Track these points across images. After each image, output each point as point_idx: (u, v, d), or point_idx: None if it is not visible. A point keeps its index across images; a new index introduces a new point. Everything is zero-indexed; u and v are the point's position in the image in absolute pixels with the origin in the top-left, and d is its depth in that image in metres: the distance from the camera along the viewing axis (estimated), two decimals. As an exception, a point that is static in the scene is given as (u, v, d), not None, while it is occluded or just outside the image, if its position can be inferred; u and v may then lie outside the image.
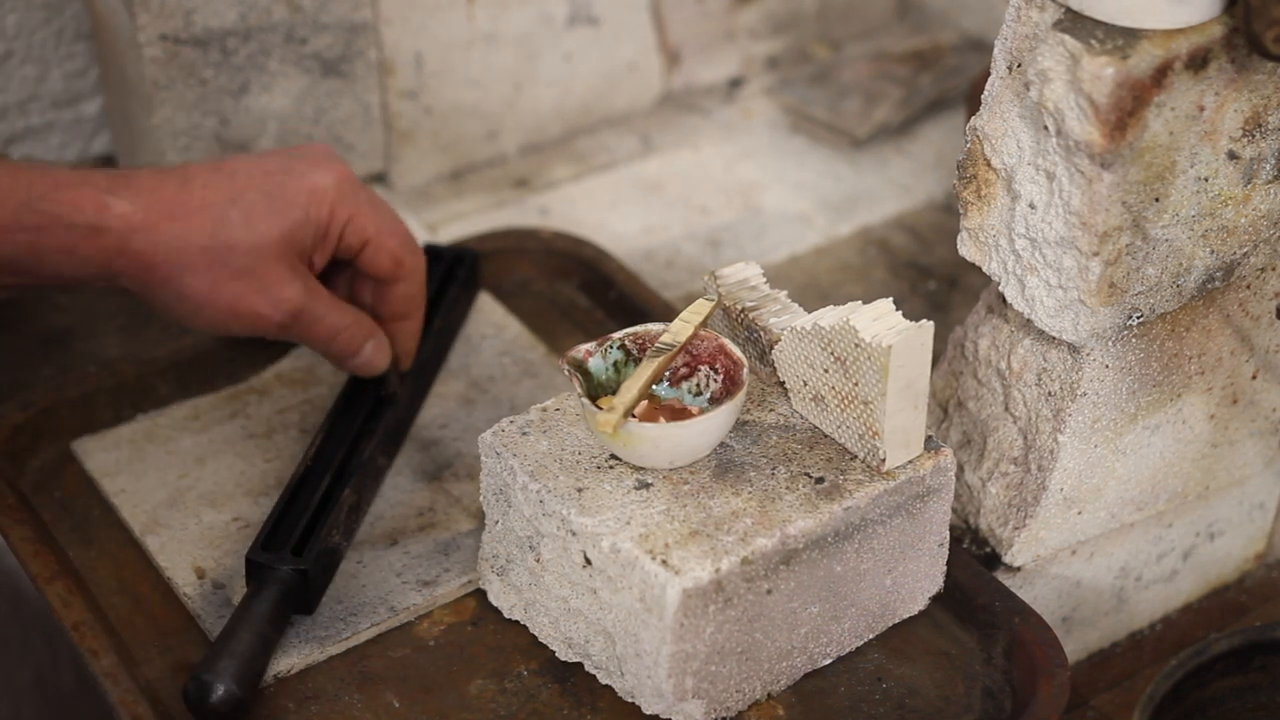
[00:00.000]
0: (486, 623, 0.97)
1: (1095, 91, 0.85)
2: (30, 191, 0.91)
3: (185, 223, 0.93)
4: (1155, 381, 0.98)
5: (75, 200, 0.91)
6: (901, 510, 0.93)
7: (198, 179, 0.95)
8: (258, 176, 0.96)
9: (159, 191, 0.93)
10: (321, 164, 0.98)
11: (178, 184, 0.94)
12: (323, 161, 0.99)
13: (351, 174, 1.00)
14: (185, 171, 0.95)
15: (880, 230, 1.35)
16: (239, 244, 0.95)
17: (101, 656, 0.92)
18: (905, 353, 0.89)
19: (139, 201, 0.92)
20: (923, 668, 0.95)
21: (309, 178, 0.97)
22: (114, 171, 0.95)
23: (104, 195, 0.92)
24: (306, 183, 0.97)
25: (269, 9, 1.24)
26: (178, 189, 0.94)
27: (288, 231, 0.96)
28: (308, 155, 0.99)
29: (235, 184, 0.95)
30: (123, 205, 0.92)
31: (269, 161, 0.98)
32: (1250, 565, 1.13)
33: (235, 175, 0.96)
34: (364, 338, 1.02)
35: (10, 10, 1.30)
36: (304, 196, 0.96)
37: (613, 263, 1.20)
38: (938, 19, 1.56)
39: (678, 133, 1.44)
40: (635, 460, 0.91)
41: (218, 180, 0.95)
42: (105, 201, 0.91)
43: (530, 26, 1.37)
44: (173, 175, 0.95)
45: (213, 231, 0.94)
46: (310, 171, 0.98)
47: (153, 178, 0.94)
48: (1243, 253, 0.95)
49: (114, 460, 1.06)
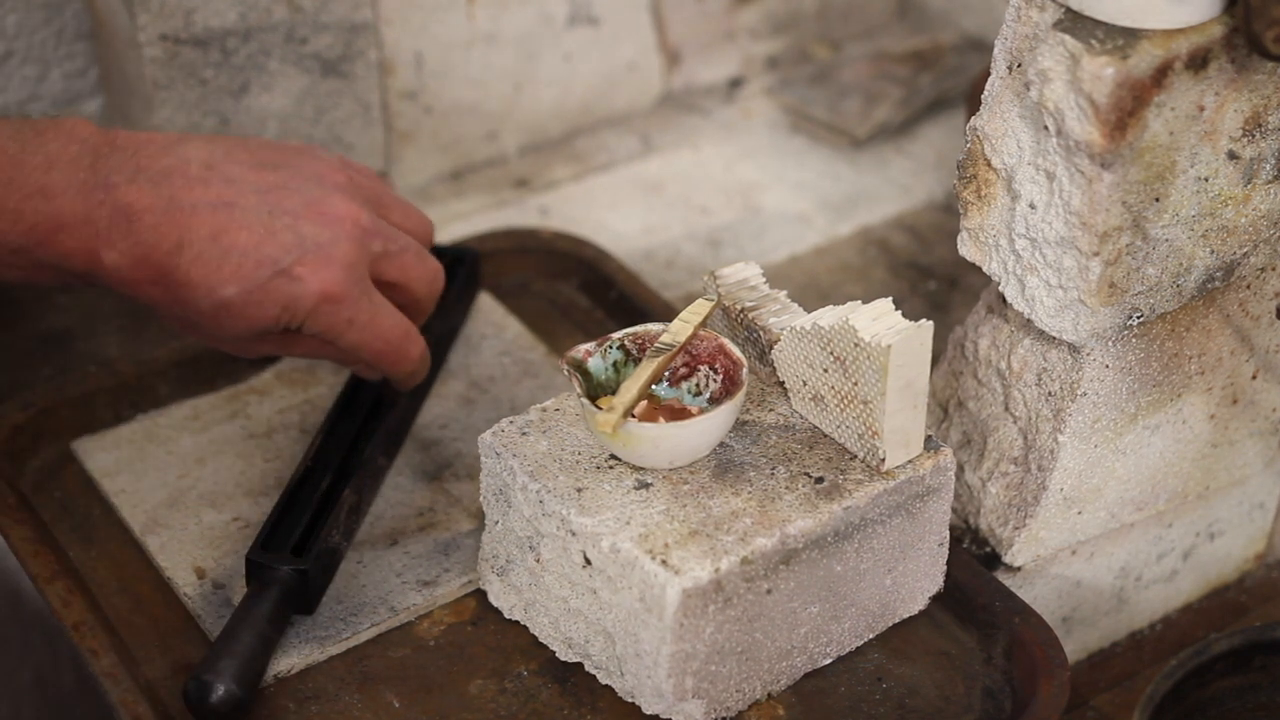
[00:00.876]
0: (486, 623, 0.97)
1: (1095, 91, 0.85)
2: (29, 237, 0.92)
3: (164, 292, 0.94)
4: (1155, 381, 0.98)
5: (70, 250, 0.93)
6: (901, 510, 0.93)
7: (192, 247, 0.93)
8: (248, 267, 0.93)
9: (152, 251, 0.93)
10: (317, 271, 0.94)
11: (172, 246, 0.93)
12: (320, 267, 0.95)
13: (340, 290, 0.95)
14: (185, 230, 0.93)
15: (880, 230, 1.35)
16: (204, 328, 0.96)
17: (101, 656, 0.92)
18: (905, 352, 0.89)
19: (129, 257, 0.93)
20: (923, 668, 0.95)
21: (291, 289, 0.94)
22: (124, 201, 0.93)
23: (100, 247, 0.93)
24: (286, 295, 0.94)
25: (269, 9, 1.24)
26: (169, 253, 0.93)
27: (254, 331, 0.96)
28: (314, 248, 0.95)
29: (222, 271, 0.93)
30: (113, 258, 0.93)
31: (270, 245, 0.94)
32: (1250, 565, 1.13)
33: (227, 258, 0.93)
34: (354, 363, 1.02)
35: (10, 10, 1.30)
36: (278, 310, 0.94)
37: (613, 263, 1.20)
38: (938, 19, 1.56)
39: (678, 133, 1.44)
40: (635, 460, 0.91)
41: (208, 258, 0.93)
42: (99, 255, 0.93)
43: (530, 26, 1.37)
44: (173, 229, 0.93)
45: (184, 310, 0.95)
46: (299, 281, 0.94)
47: (154, 229, 0.93)
48: (1243, 253, 0.95)
49: (114, 460, 1.06)
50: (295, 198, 0.96)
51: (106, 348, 1.21)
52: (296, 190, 0.96)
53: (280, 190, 0.96)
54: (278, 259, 0.94)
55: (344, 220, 0.96)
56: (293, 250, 0.94)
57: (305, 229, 0.95)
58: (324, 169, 0.99)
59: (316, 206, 0.96)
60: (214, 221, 0.94)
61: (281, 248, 0.94)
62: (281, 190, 0.96)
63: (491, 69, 1.36)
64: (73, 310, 1.24)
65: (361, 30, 1.28)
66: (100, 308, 1.24)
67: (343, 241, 0.96)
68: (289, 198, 0.96)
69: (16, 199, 0.91)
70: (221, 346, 1.00)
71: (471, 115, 1.37)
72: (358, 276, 0.96)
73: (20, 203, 0.91)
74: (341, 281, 0.95)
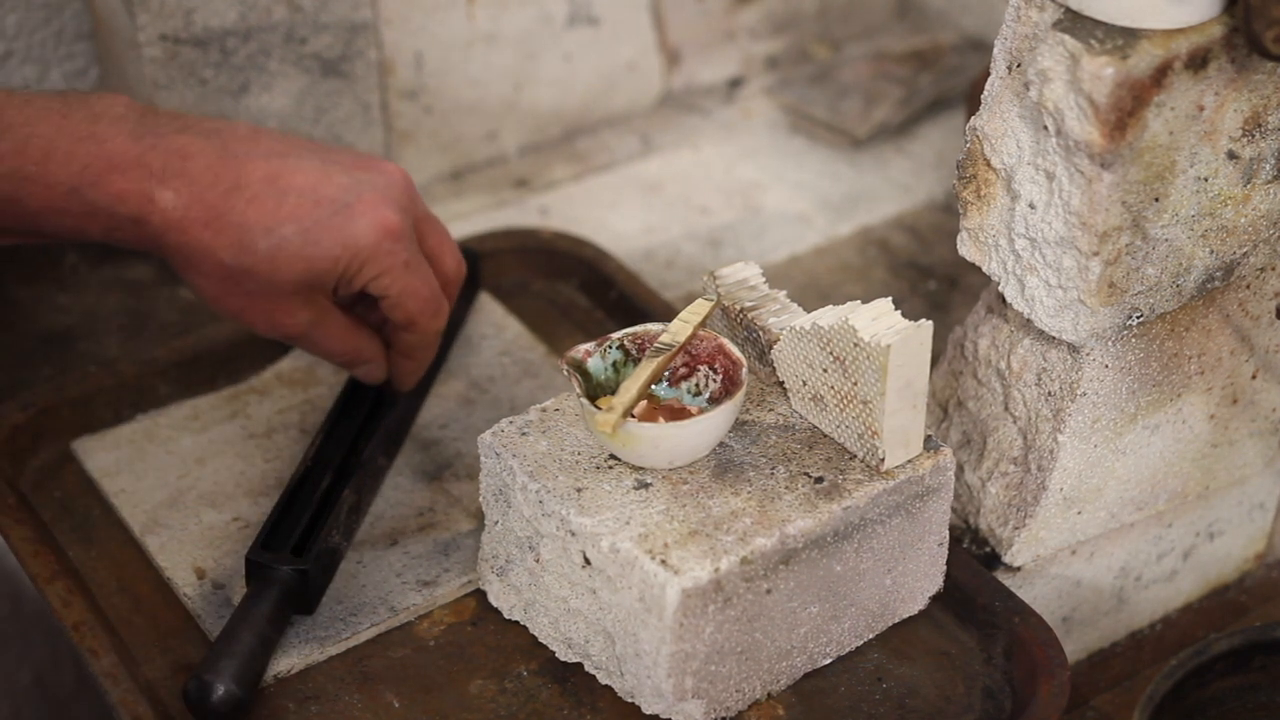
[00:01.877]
0: (486, 623, 0.97)
1: (1095, 91, 0.85)
2: (82, 177, 0.90)
3: (217, 236, 0.93)
4: (1155, 381, 0.98)
5: (123, 191, 0.91)
6: (901, 510, 0.93)
7: (249, 189, 0.93)
8: (306, 206, 0.93)
9: (209, 192, 0.92)
10: (376, 208, 0.95)
11: (228, 187, 0.92)
12: (379, 205, 0.96)
13: (399, 227, 0.96)
14: (241, 173, 0.93)
15: (880, 230, 1.35)
16: (258, 273, 0.94)
17: (101, 656, 0.92)
18: (904, 352, 0.89)
19: (184, 196, 0.92)
20: (923, 668, 0.95)
21: (351, 227, 0.94)
22: (173, 147, 0.92)
23: (153, 185, 0.91)
24: (346, 233, 0.94)
25: (269, 9, 1.24)
26: (225, 194, 0.92)
27: (309, 276, 0.95)
28: (370, 189, 0.96)
29: (281, 210, 0.93)
30: (167, 199, 0.91)
31: (328, 186, 0.95)
32: (1250, 565, 1.13)
33: (285, 198, 0.93)
34: (362, 362, 1.02)
35: (10, 10, 1.30)
36: (339, 249, 0.94)
37: (613, 263, 1.20)
38: (938, 19, 1.56)
39: (678, 133, 1.45)
40: (634, 460, 0.91)
41: (265, 198, 0.93)
42: (152, 194, 0.91)
43: (530, 26, 1.37)
44: (228, 171, 0.92)
45: (237, 254, 0.93)
46: (360, 217, 0.95)
47: (209, 169, 0.92)
48: (1242, 253, 0.95)
49: (114, 460, 1.06)
50: (345, 154, 0.97)
51: (106, 348, 1.21)
52: (344, 151, 0.98)
53: (327, 149, 0.97)
54: (336, 198, 0.94)
55: (394, 172, 0.98)
56: (350, 190, 0.95)
57: (360, 174, 0.96)
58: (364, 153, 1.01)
59: (366, 160, 0.97)
60: (268, 167, 0.93)
61: (339, 188, 0.95)
62: (328, 149, 0.97)
63: (491, 69, 1.36)
64: (73, 310, 1.24)
65: (361, 30, 1.28)
66: (100, 308, 1.24)
67: (396, 186, 0.97)
68: (338, 154, 0.97)
69: (68, 143, 0.90)
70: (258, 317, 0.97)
71: (471, 115, 1.37)
72: (409, 222, 0.97)
73: (72, 145, 0.90)
74: (399, 220, 0.96)
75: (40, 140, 0.90)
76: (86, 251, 1.29)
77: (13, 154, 0.89)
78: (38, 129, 0.90)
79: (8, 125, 0.89)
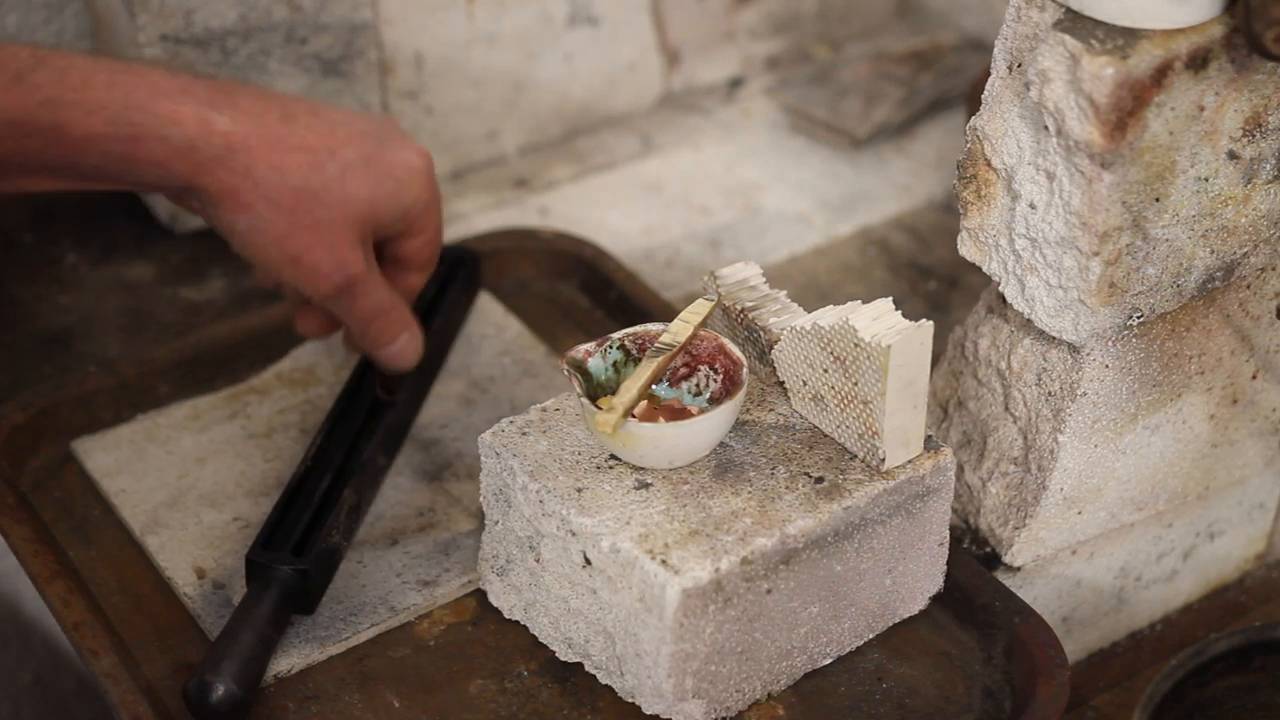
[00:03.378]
0: (486, 623, 0.97)
1: (1095, 91, 0.85)
2: (127, 100, 0.88)
3: (285, 157, 0.91)
4: (1155, 381, 0.98)
5: (175, 114, 0.88)
6: (901, 510, 0.93)
7: (300, 118, 0.92)
8: (356, 135, 0.93)
9: (263, 118, 0.91)
10: (409, 143, 0.97)
11: (280, 116, 0.91)
12: (409, 141, 0.97)
13: (430, 159, 0.98)
14: (286, 105, 0.92)
15: (880, 230, 1.35)
16: (329, 196, 0.92)
17: (101, 656, 0.92)
18: (905, 352, 0.89)
19: (242, 123, 0.90)
20: (923, 668, 0.95)
21: (403, 153, 0.96)
22: (215, 83, 0.91)
23: (207, 110, 0.89)
24: (402, 158, 0.95)
25: (269, 9, 1.24)
26: (280, 121, 0.91)
27: (376, 200, 0.94)
28: (392, 130, 0.97)
29: (336, 136, 0.93)
30: (225, 123, 0.89)
31: (362, 122, 0.95)
32: (1250, 565, 1.13)
33: (335, 126, 0.93)
34: (402, 326, 1.00)
35: (10, 10, 1.30)
36: (401, 170, 0.95)
37: (613, 263, 1.20)
38: (938, 19, 1.56)
39: (678, 133, 1.45)
40: (635, 460, 0.91)
41: (319, 126, 0.93)
42: (208, 118, 0.89)
43: (530, 26, 1.37)
44: (274, 105, 0.92)
45: (307, 175, 0.91)
46: (403, 148, 0.96)
47: (256, 102, 0.91)
48: (1243, 253, 0.95)
49: (114, 460, 1.06)
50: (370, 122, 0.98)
51: (106, 348, 1.21)
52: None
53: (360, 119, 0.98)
54: (375, 132, 0.95)
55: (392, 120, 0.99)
56: (382, 126, 0.96)
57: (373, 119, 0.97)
58: None
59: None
60: (309, 105, 0.93)
61: (373, 124, 0.96)
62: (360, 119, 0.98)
63: (491, 69, 1.36)
64: (73, 310, 1.24)
65: (361, 30, 1.28)
66: (100, 308, 1.24)
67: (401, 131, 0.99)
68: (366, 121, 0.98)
69: (107, 73, 0.87)
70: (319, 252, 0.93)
71: (471, 115, 1.37)
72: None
73: (112, 75, 0.88)
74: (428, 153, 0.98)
75: (78, 71, 0.87)
76: (87, 251, 1.29)
77: (51, 82, 0.86)
78: (74, 61, 0.87)
79: (42, 58, 0.86)
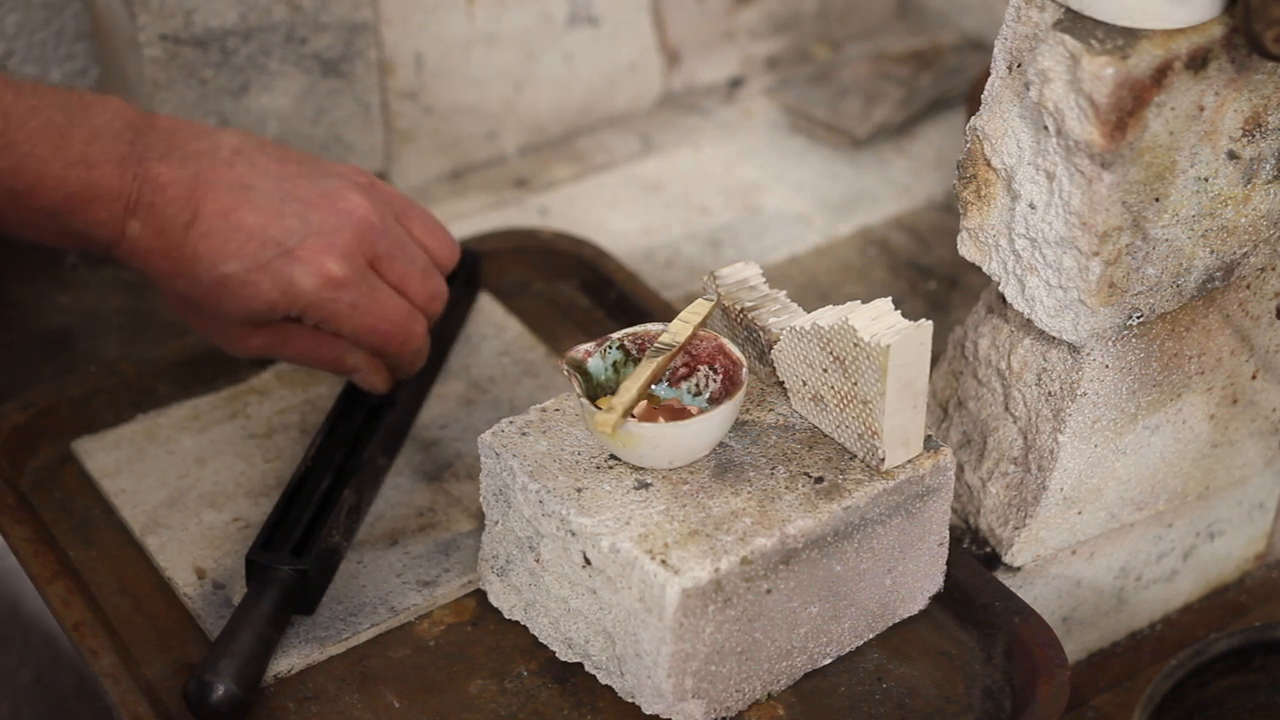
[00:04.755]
0: (486, 623, 0.97)
1: (1095, 91, 0.85)
2: (66, 204, 0.94)
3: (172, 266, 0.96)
4: (1155, 381, 0.98)
5: (99, 220, 0.95)
6: (901, 510, 0.93)
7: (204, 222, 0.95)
8: (252, 246, 0.96)
9: (169, 224, 0.95)
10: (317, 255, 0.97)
11: (187, 220, 0.95)
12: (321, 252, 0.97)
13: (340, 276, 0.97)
14: (200, 206, 0.95)
15: (880, 230, 1.35)
16: (205, 304, 0.97)
17: (101, 656, 0.92)
18: (904, 352, 0.89)
19: (148, 227, 0.95)
20: (923, 668, 0.95)
21: (290, 273, 0.96)
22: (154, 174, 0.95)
23: (126, 217, 0.95)
24: (284, 278, 0.96)
25: (269, 9, 1.24)
26: (184, 227, 0.95)
27: (249, 313, 0.97)
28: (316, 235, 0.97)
29: (227, 247, 0.95)
30: (135, 228, 0.95)
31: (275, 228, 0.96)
32: (1250, 565, 1.13)
33: (234, 235, 0.95)
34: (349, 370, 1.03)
35: (10, 10, 1.30)
36: (276, 293, 0.96)
37: (613, 263, 1.20)
38: (938, 19, 1.56)
39: (678, 133, 1.45)
40: (634, 460, 0.91)
41: (216, 234, 0.95)
42: (123, 226, 0.95)
43: (530, 26, 1.37)
44: (191, 204, 0.95)
45: (188, 285, 0.97)
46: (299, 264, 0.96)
47: (175, 201, 0.95)
48: (1243, 253, 0.95)
49: (114, 460, 1.06)
50: (311, 187, 0.98)
51: (106, 348, 1.21)
52: (314, 182, 0.99)
53: (298, 179, 0.98)
54: (281, 240, 0.96)
55: (352, 213, 0.98)
56: (296, 234, 0.96)
57: (312, 216, 0.97)
58: (348, 171, 1.01)
59: (329, 197, 0.98)
60: (228, 200, 0.96)
61: (286, 231, 0.96)
62: (299, 179, 0.98)
63: (491, 69, 1.36)
64: (73, 310, 1.24)
65: (361, 30, 1.28)
66: (100, 308, 1.24)
67: (346, 230, 0.98)
68: (305, 187, 0.98)
69: (61, 166, 0.93)
70: (219, 339, 1.00)
71: (471, 115, 1.37)
72: (358, 265, 0.98)
73: (64, 170, 0.93)
74: (341, 267, 0.97)
75: (35, 163, 0.92)
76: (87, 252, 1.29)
77: (8, 172, 0.93)
78: (36, 149, 0.92)
79: (9, 142, 0.92)
